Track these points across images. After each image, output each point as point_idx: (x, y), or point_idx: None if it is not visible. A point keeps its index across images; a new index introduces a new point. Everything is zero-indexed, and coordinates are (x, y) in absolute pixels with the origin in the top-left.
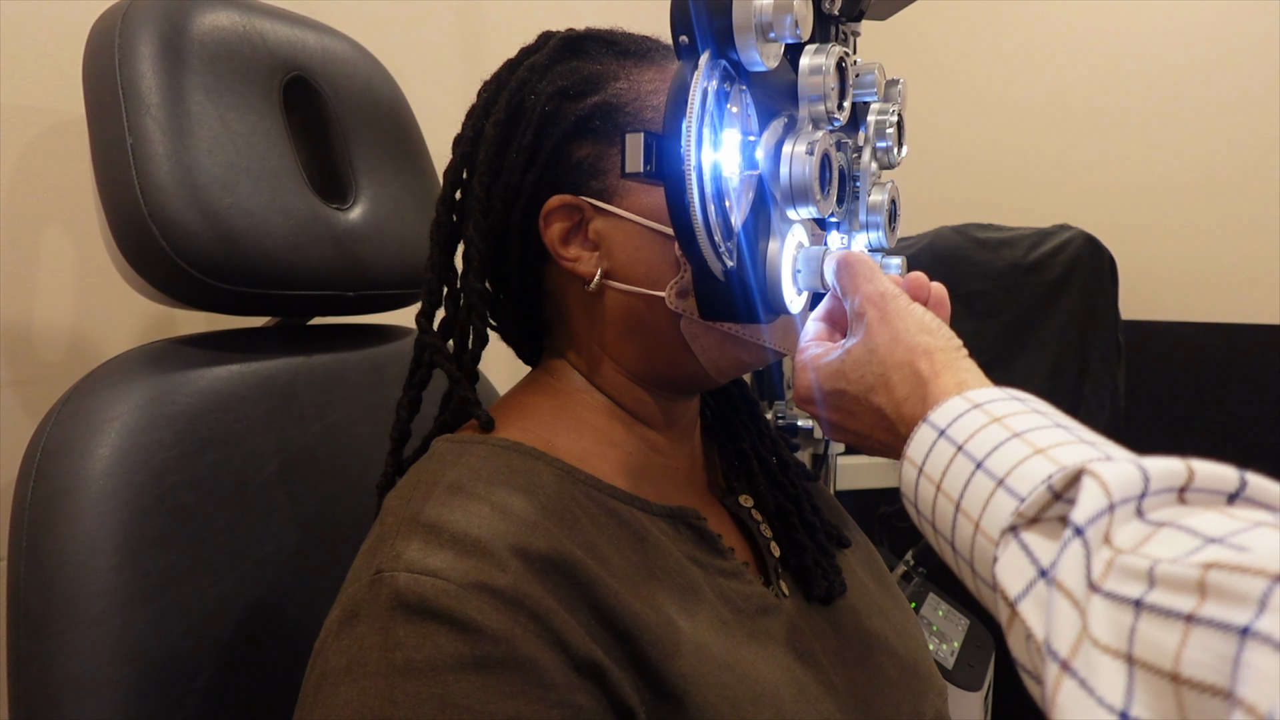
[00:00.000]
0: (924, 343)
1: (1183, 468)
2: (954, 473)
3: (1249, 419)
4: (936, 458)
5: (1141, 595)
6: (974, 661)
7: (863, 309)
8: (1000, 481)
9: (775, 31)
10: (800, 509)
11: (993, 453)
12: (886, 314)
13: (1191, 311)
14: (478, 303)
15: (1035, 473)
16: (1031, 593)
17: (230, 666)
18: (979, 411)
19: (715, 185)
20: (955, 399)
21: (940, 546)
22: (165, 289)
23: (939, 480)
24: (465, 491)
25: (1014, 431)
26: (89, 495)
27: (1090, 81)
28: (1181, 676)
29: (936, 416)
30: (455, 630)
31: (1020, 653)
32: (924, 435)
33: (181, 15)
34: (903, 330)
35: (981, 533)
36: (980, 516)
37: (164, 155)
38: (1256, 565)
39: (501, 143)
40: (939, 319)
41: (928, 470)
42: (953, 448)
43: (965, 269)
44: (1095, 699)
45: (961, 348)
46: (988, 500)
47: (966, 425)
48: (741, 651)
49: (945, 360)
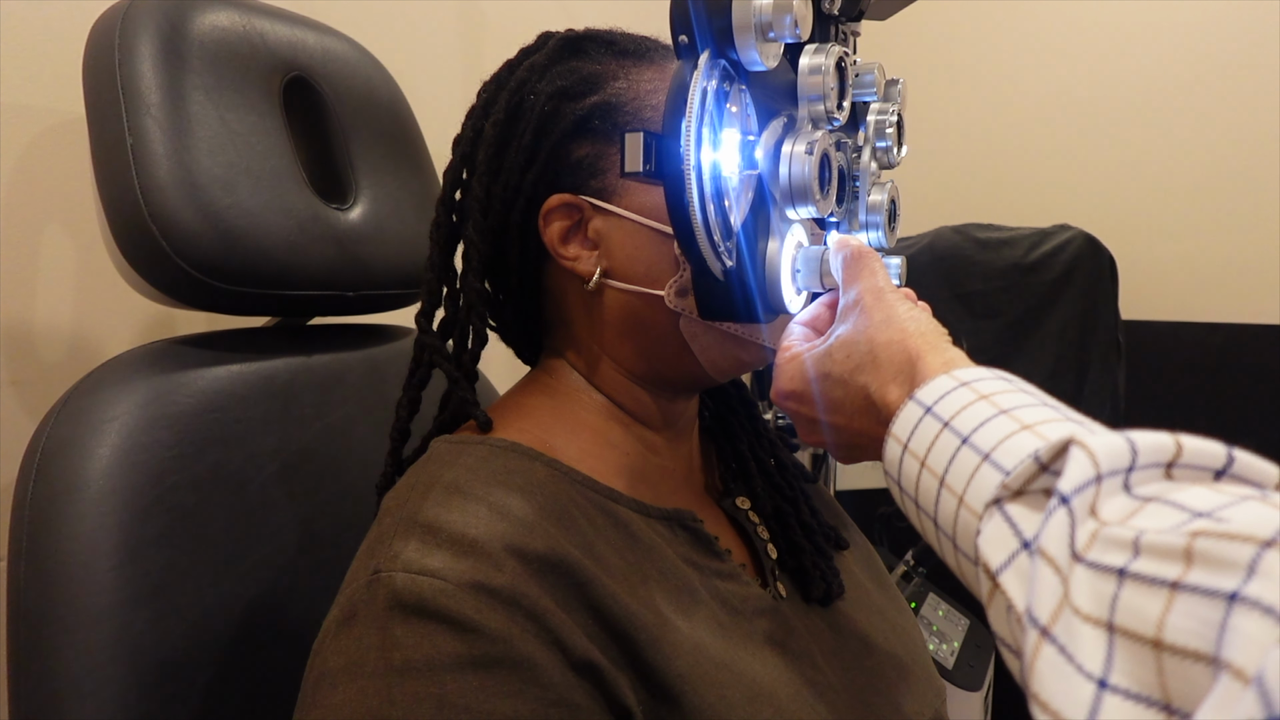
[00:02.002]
0: (913, 327)
1: (1171, 442)
2: (939, 448)
3: (1249, 419)
4: (922, 434)
5: (1126, 564)
6: (974, 661)
7: (860, 297)
8: (986, 456)
9: (775, 31)
10: (798, 510)
11: (979, 428)
12: (880, 302)
13: (1191, 311)
14: (477, 303)
15: (1022, 447)
16: (1014, 564)
17: (230, 666)
18: (966, 389)
19: (715, 185)
20: (942, 377)
21: (922, 524)
22: (165, 289)
23: (924, 456)
24: (463, 492)
25: (1001, 408)
26: (89, 495)
27: (1090, 82)
28: (1164, 643)
29: (923, 394)
30: (453, 630)
31: (1000, 626)
32: (910, 412)
33: (181, 15)
34: (894, 315)
35: (965, 507)
36: (964, 491)
37: (164, 155)
38: (1245, 532)
39: (501, 143)
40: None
41: (912, 447)
42: (939, 424)
43: (965, 269)
44: (1074, 666)
45: (948, 336)
46: (973, 474)
47: (953, 402)
48: (738, 652)
49: (933, 342)
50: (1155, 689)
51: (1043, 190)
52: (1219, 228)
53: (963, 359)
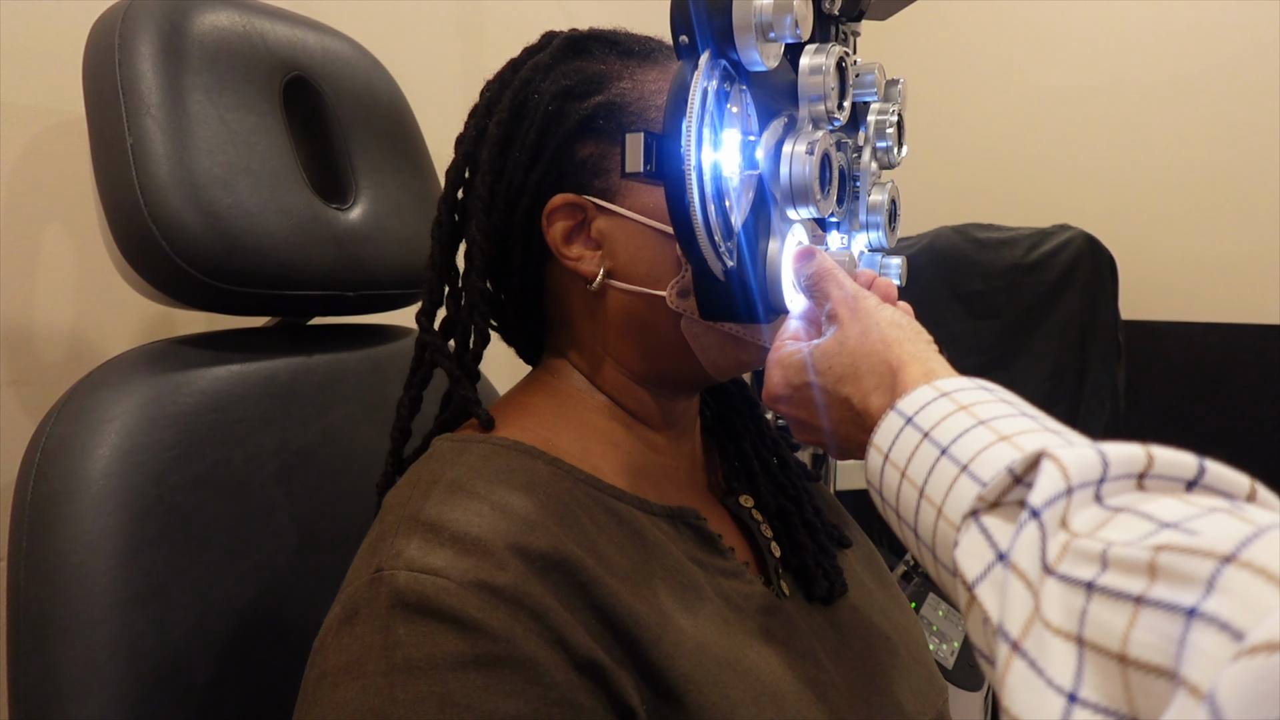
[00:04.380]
0: (893, 335)
1: (1142, 454)
2: (919, 459)
3: (1249, 419)
4: (902, 444)
5: (1094, 578)
6: (974, 661)
7: (834, 310)
8: (964, 467)
9: (775, 31)
10: (801, 509)
11: (958, 439)
12: (857, 311)
13: (1191, 311)
14: (479, 302)
15: (998, 458)
16: (989, 576)
17: (230, 666)
18: (946, 399)
19: (715, 185)
20: (923, 387)
21: (903, 533)
22: (165, 289)
23: (904, 467)
24: (465, 490)
25: (980, 419)
26: (89, 495)
27: (1090, 81)
28: (1129, 658)
29: (904, 404)
30: (455, 629)
31: (977, 637)
32: (891, 422)
33: (181, 15)
34: (872, 325)
35: (944, 518)
36: (943, 502)
37: (164, 155)
38: (1206, 547)
39: (505, 141)
40: (906, 315)
41: (893, 457)
42: (919, 434)
43: (965, 269)
44: (1044, 680)
45: (931, 342)
46: (951, 485)
47: (933, 413)
48: (742, 651)
49: (914, 351)
50: (1123, 703)
51: (1043, 190)
52: (1219, 228)
53: (944, 367)
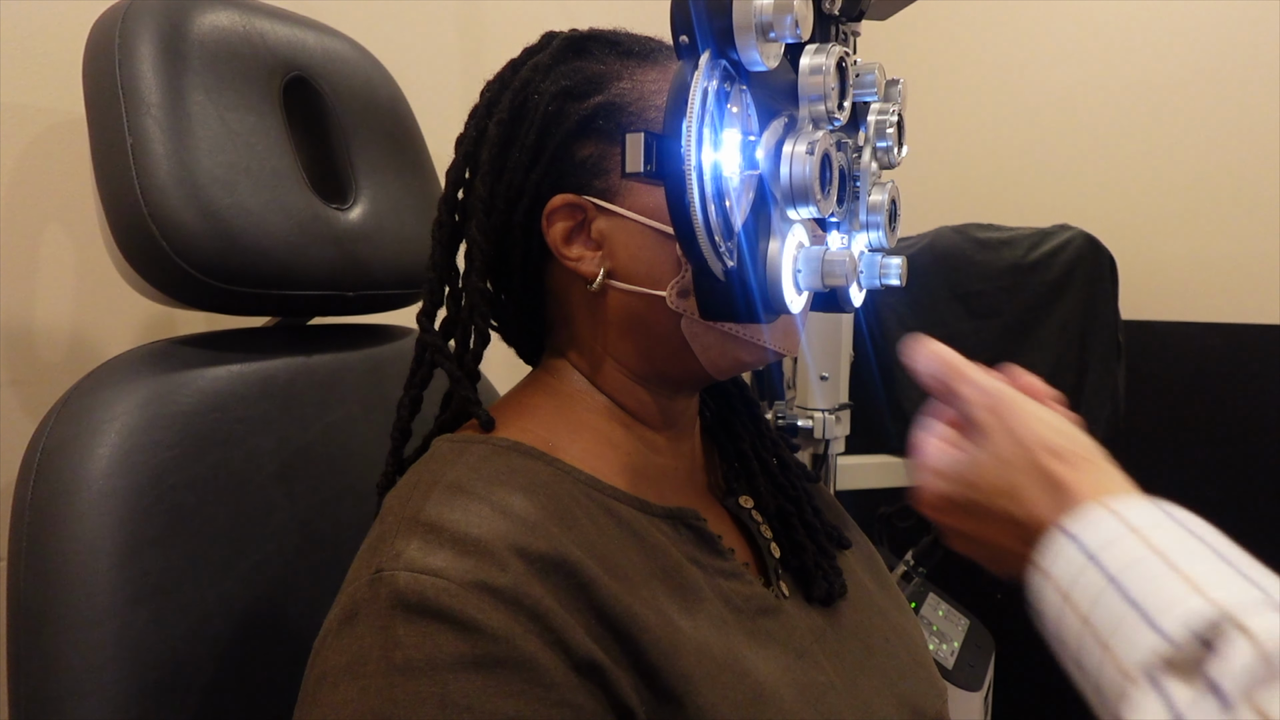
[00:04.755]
0: (1051, 442)
1: None
2: (1105, 607)
3: (1249, 419)
4: (1082, 584)
5: None
6: (974, 661)
7: (975, 415)
8: (1147, 618)
9: (775, 31)
10: (801, 510)
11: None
12: (1001, 416)
13: (1191, 311)
14: (480, 302)
15: (1184, 613)
16: None
17: (230, 666)
18: (1133, 538)
19: (715, 185)
20: (1098, 509)
21: (1077, 676)
22: (165, 289)
23: (1086, 612)
24: (465, 491)
25: (1171, 563)
26: (89, 495)
27: (1090, 82)
28: None
29: (1078, 529)
30: (455, 629)
31: None
32: (1063, 549)
33: (181, 15)
34: (1024, 432)
35: (1115, 662)
36: (1118, 650)
37: (164, 155)
38: None
39: (505, 142)
40: (1059, 415)
41: (1073, 596)
42: (1103, 578)
43: (965, 269)
44: None
45: (1095, 446)
46: (1129, 634)
47: (1120, 554)
48: (742, 651)
49: (1077, 459)
50: None
51: (1043, 190)
52: (1219, 228)
53: (1114, 480)
